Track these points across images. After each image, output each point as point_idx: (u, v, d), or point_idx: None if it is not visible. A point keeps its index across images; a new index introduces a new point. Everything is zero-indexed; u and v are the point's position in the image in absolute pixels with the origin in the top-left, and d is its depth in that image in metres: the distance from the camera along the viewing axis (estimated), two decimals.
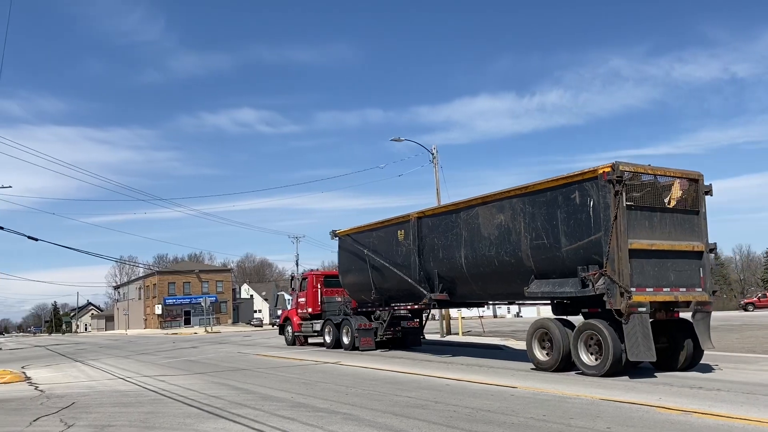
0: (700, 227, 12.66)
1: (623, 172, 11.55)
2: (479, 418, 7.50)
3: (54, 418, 8.53)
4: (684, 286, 12.23)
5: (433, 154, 29.19)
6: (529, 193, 13.33)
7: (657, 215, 12.11)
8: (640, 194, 11.92)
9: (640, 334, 11.05)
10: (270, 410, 8.52)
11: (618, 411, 7.70)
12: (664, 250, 12.01)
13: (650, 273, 11.85)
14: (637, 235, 11.66)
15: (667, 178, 12.35)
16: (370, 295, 19.63)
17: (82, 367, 18.19)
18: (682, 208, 12.41)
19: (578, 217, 12.13)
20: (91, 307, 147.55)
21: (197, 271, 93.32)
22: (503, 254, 13.93)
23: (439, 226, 16.24)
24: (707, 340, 12.01)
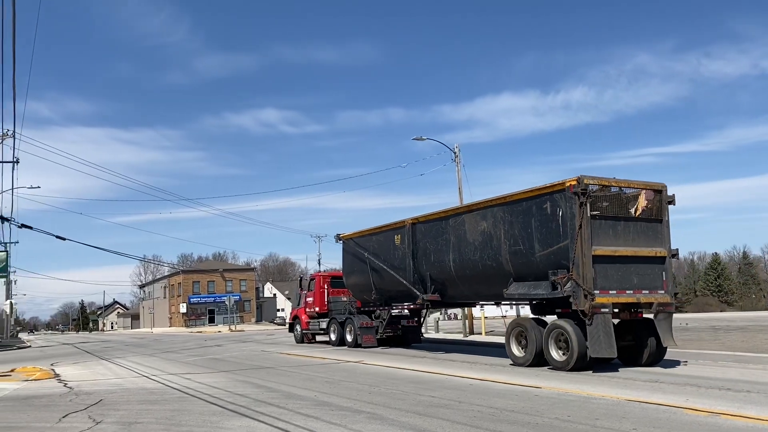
0: (663, 234, 13.68)
1: (587, 185, 12.63)
2: (503, 418, 7.45)
3: (82, 415, 8.67)
4: (647, 289, 13.23)
5: (455, 153, 29.09)
6: (508, 203, 14.46)
7: (621, 224, 13.13)
8: (606, 205, 12.95)
9: (602, 333, 12.06)
10: (294, 409, 8.56)
11: (644, 412, 7.60)
12: (627, 256, 13.03)
13: (614, 277, 12.86)
14: (601, 242, 12.71)
15: (633, 190, 13.37)
16: (371, 296, 20.67)
17: (108, 365, 18.45)
18: (646, 217, 13.42)
19: (549, 226, 13.21)
20: (117, 306, 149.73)
21: (221, 270, 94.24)
22: (486, 258, 15.06)
23: (430, 231, 17.36)
24: (669, 338, 12.96)
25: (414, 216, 18.25)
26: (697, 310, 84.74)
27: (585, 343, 12.28)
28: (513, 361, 14.03)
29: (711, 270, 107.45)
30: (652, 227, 13.65)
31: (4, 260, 41.95)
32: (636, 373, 11.71)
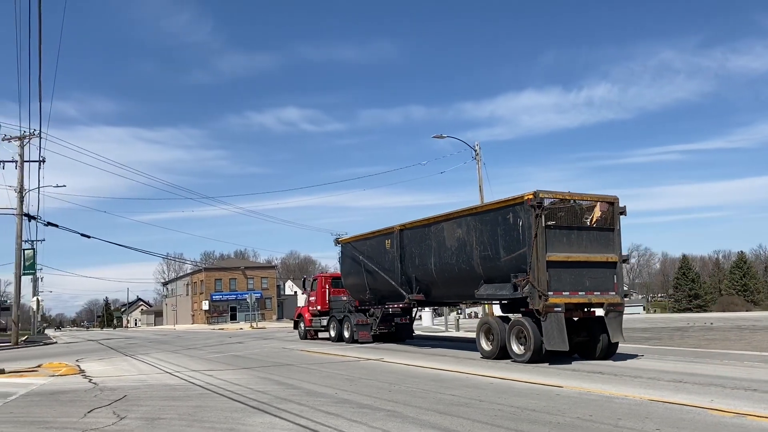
0: (614, 242, 15.25)
1: (542, 199, 14.14)
2: (524, 417, 7.41)
3: (107, 410, 8.79)
4: (598, 291, 14.76)
5: (475, 150, 28.98)
6: (479, 213, 16.17)
7: (575, 233, 14.69)
8: (562, 215, 14.57)
9: (555, 329, 13.70)
10: (314, 406, 8.60)
11: (668, 412, 7.52)
12: (580, 261, 14.58)
13: (567, 280, 14.38)
14: (555, 249, 14.23)
15: (588, 202, 14.97)
16: (366, 295, 22.31)
17: (132, 361, 18.69)
18: (600, 226, 14.98)
19: (512, 234, 14.82)
20: (140, 303, 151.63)
21: (243, 267, 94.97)
22: (461, 262, 16.70)
23: (415, 237, 18.97)
24: (618, 334, 14.64)
25: (402, 223, 19.83)
26: (722, 309, 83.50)
27: (541, 338, 13.93)
28: (482, 354, 15.68)
29: (736, 269, 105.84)
30: (605, 235, 15.15)
31: (31, 258, 42.67)
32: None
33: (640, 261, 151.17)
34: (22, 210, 35.22)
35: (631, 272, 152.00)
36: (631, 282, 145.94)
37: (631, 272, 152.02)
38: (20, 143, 35.45)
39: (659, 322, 38.73)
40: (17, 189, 35.23)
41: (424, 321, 40.16)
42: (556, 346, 13.65)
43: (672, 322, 37.87)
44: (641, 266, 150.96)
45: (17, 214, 35.14)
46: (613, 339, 14.61)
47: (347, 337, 23.38)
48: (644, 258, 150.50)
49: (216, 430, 7.10)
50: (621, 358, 14.72)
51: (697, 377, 10.75)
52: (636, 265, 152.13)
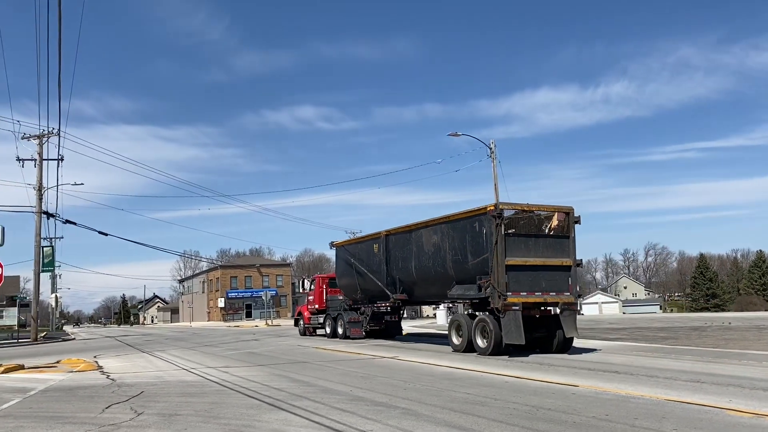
0: (569, 248, 16.80)
1: (502, 210, 15.88)
2: (540, 416, 7.39)
3: (124, 406, 8.89)
4: (554, 291, 16.32)
5: (491, 148, 28.88)
6: (451, 221, 17.72)
7: (532, 240, 16.36)
8: (522, 224, 16.35)
9: (513, 325, 15.35)
10: (329, 403, 8.63)
11: (685, 412, 7.45)
12: (537, 265, 16.19)
13: (525, 282, 15.96)
14: (514, 255, 15.90)
15: (546, 212, 16.63)
16: (357, 295, 24.12)
17: (149, 358, 18.86)
18: (556, 234, 16.63)
19: (477, 241, 16.48)
20: (157, 300, 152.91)
21: (258, 265, 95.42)
22: (436, 265, 18.40)
23: (399, 242, 20.66)
24: (573, 330, 16.25)
25: (387, 228, 21.64)
26: (740, 309, 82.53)
27: (500, 333, 15.51)
28: (453, 348, 17.39)
29: (755, 268, 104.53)
30: (561, 242, 16.76)
31: (49, 255, 43.18)
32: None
33: (656, 260, 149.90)
34: (41, 208, 35.65)
35: (647, 271, 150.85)
36: (647, 281, 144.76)
37: (648, 271, 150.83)
38: (39, 142, 35.88)
39: (676, 321, 38.38)
40: (36, 187, 35.66)
41: (439, 320, 40.07)
42: (513, 340, 15.37)
43: (689, 321, 37.51)
44: (658, 265, 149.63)
45: (36, 212, 35.57)
46: (567, 335, 16.23)
47: (341, 333, 24.77)
48: (661, 257, 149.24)
49: (232, 427, 7.15)
50: (576, 352, 16.42)
51: (715, 377, 10.65)
52: (653, 263, 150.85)
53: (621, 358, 14.58)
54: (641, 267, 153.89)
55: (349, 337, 23.96)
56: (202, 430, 7.06)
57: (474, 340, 16.54)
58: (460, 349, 17.02)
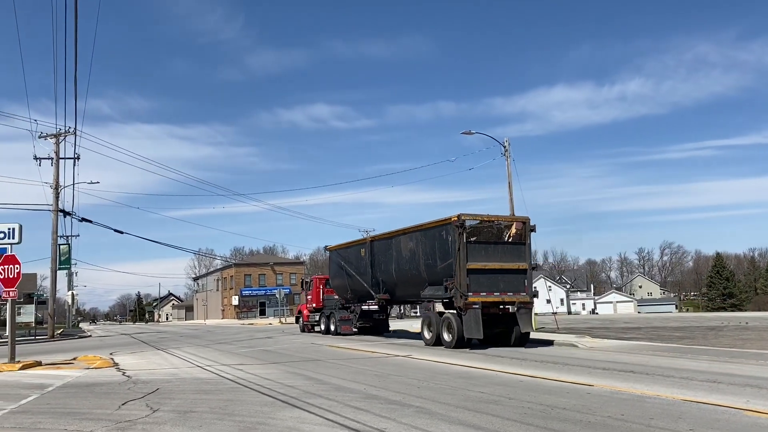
0: (525, 253, 18.94)
1: (464, 220, 17.94)
2: (554, 415, 7.35)
3: (140, 403, 8.96)
4: (511, 291, 18.34)
5: (505, 147, 28.73)
6: (424, 230, 19.89)
7: (492, 246, 18.46)
8: (485, 232, 18.44)
9: (473, 321, 17.43)
10: (343, 401, 8.65)
11: (701, 412, 7.38)
12: (495, 269, 18.27)
13: (484, 283, 18.02)
14: (475, 260, 17.97)
15: (506, 222, 18.91)
16: (348, 295, 26.22)
17: (164, 355, 18.99)
18: (514, 241, 18.71)
19: (444, 247, 18.53)
20: (171, 298, 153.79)
21: (272, 263, 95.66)
22: (412, 269, 20.63)
23: (382, 247, 22.80)
24: (528, 326, 18.45)
25: (372, 235, 24.68)
26: (757, 308, 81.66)
27: (462, 328, 17.56)
28: (425, 343, 19.65)
29: None
30: (518, 248, 18.83)
31: (66, 253, 43.61)
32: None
33: (672, 259, 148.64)
34: (57, 206, 36.00)
35: (663, 270, 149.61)
36: (662, 280, 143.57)
37: (663, 270, 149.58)
38: (56, 141, 36.21)
39: (692, 321, 38.05)
40: (53, 185, 36.01)
41: None
42: (473, 334, 17.54)
43: (705, 321, 37.17)
44: (673, 264, 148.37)
45: (53, 210, 35.93)
46: (523, 330, 18.36)
47: (333, 330, 27.10)
48: (677, 256, 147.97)
49: (247, 424, 7.18)
50: (533, 345, 18.56)
51: (732, 377, 10.54)
52: (668, 262, 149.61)
53: (636, 357, 14.48)
54: (656, 266, 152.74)
55: (340, 334, 26.19)
56: (217, 426, 7.10)
57: (441, 335, 18.76)
58: (430, 343, 19.16)
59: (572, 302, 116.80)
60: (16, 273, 15.82)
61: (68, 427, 7.35)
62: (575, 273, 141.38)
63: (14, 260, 16.01)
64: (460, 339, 17.78)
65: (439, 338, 18.79)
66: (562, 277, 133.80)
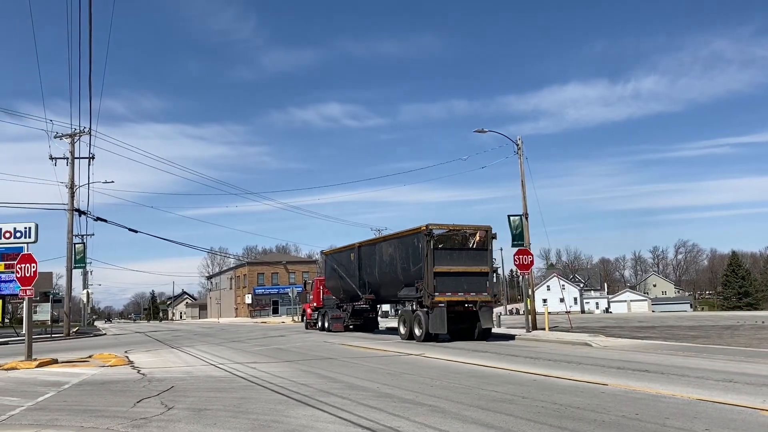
0: (487, 258, 21.55)
1: (432, 230, 20.63)
2: (568, 414, 7.32)
3: (155, 401, 9.03)
4: (474, 292, 20.93)
5: (517, 145, 28.61)
6: (400, 237, 22.91)
7: (456, 252, 21.11)
8: (453, 239, 21.13)
9: (438, 318, 19.96)
10: (356, 399, 8.66)
11: (718, 412, 7.32)
12: (460, 272, 20.94)
13: (450, 284, 20.58)
14: (441, 264, 20.62)
15: (471, 231, 21.38)
16: (340, 295, 29.05)
17: (178, 353, 19.11)
18: (478, 247, 21.35)
19: (416, 253, 21.23)
20: (185, 296, 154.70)
21: (284, 262, 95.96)
22: (391, 272, 23.37)
23: (368, 252, 25.58)
24: (489, 322, 21.12)
25: (360, 241, 26.99)
26: None
27: (429, 324, 20.06)
28: (400, 337, 22.16)
29: None
30: (481, 254, 21.44)
31: (81, 252, 43.95)
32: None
33: (687, 257, 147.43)
34: (72, 205, 36.32)
35: (677, 269, 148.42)
36: (677, 279, 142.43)
37: (678, 269, 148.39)
38: (71, 140, 36.54)
39: (707, 320, 37.72)
40: (68, 185, 36.33)
41: None
42: (438, 330, 20.06)
43: (721, 320, 36.84)
44: (688, 263, 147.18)
45: (68, 210, 36.25)
46: (484, 326, 20.95)
47: (326, 327, 30.05)
48: (691, 254, 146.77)
49: (261, 422, 7.22)
50: (495, 339, 21.34)
51: (748, 377, 10.44)
52: (683, 261, 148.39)
53: (651, 356, 14.38)
54: (671, 265, 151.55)
55: (332, 331, 29.07)
56: (232, 424, 7.14)
57: (413, 330, 21.30)
58: (404, 338, 21.79)
59: (586, 301, 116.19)
60: (33, 272, 15.98)
61: (84, 424, 7.43)
62: (589, 272, 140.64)
63: (31, 259, 16.17)
64: (428, 334, 20.27)
65: (411, 333, 21.33)
66: (576, 275, 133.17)
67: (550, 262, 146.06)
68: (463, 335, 21.16)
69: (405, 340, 21.41)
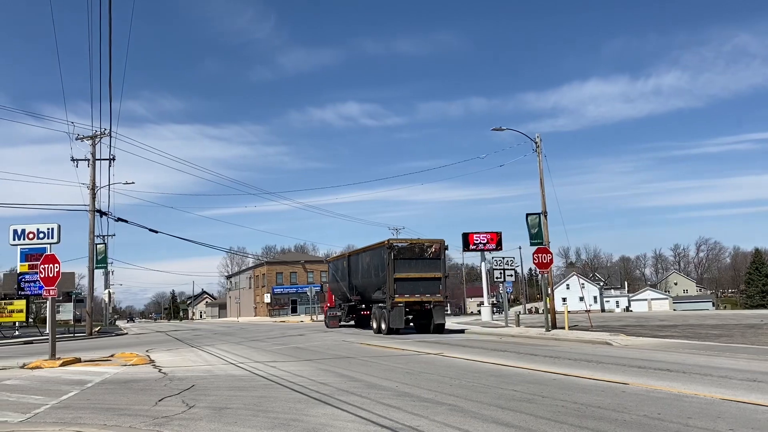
0: (440, 266, 26.48)
1: (393, 244, 26.21)
2: (589, 414, 7.27)
3: (176, 399, 9.11)
4: (429, 294, 25.83)
5: (536, 142, 28.44)
6: (373, 249, 28.24)
7: (414, 261, 25.99)
8: (409, 251, 26.08)
9: (397, 316, 24.96)
10: (375, 398, 8.67)
11: (741, 412, 7.23)
12: (417, 278, 25.74)
13: (408, 288, 25.48)
14: (401, 271, 25.53)
15: (428, 244, 26.61)
16: (338, 296, 34.22)
17: (198, 352, 19.26)
18: (433, 257, 26.30)
19: (383, 263, 26.23)
20: (205, 296, 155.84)
21: (303, 261, 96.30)
22: (369, 277, 28.41)
23: (354, 261, 31.16)
24: (441, 318, 25.95)
25: (350, 251, 34.00)
26: None
27: (390, 320, 25.03)
28: (373, 331, 26.95)
29: None
30: (435, 262, 26.44)
31: (102, 252, 44.50)
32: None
33: (709, 255, 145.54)
34: (94, 206, 36.76)
35: (699, 267, 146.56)
36: (699, 277, 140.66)
37: (699, 267, 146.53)
38: (92, 142, 36.98)
39: (730, 318, 37.20)
40: (90, 186, 36.78)
41: (484, 316, 39.80)
42: (396, 325, 25.12)
43: (744, 318, 36.30)
44: (710, 260, 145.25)
45: (90, 211, 36.70)
46: (436, 321, 25.88)
47: (328, 324, 35.22)
48: (713, 252, 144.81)
49: (280, 420, 7.26)
50: (447, 333, 26.07)
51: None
52: (704, 259, 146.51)
53: (673, 355, 14.23)
54: (692, 263, 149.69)
55: (329, 327, 34.29)
56: (252, 423, 7.19)
57: (380, 326, 26.26)
58: (375, 332, 26.67)
59: (606, 300, 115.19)
60: (56, 272, 16.19)
61: (107, 422, 7.52)
62: (609, 270, 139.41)
63: (54, 259, 16.39)
64: (390, 328, 25.27)
65: (380, 328, 26.22)
66: (596, 274, 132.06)
67: (570, 260, 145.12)
68: (422, 329, 26.49)
69: (376, 334, 26.19)
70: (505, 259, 31.91)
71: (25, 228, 35.24)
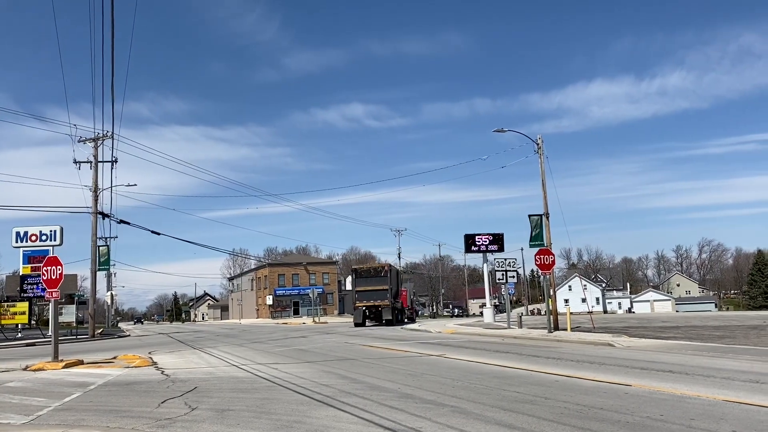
0: (389, 281, 42.20)
1: (355, 268, 45.71)
2: (591, 415, 7.27)
3: (179, 401, 9.13)
4: (379, 300, 41.92)
5: (537, 144, 28.45)
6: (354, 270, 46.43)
7: (371, 278, 42.65)
8: (370, 270, 43.74)
9: (358, 315, 41.96)
10: (378, 400, 8.68)
11: (745, 414, 7.22)
12: (371, 289, 42.27)
13: (365, 296, 42.32)
14: (360, 285, 43.14)
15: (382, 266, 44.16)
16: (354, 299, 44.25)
17: (201, 354, 19.29)
18: (383, 275, 42.49)
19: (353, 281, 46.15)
20: (207, 298, 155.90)
21: (305, 263, 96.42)
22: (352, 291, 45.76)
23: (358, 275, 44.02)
24: (388, 315, 41.69)
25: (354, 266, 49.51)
26: None
27: (355, 318, 42.25)
28: (354, 325, 41.58)
29: None
30: (384, 278, 42.08)
31: (105, 254, 44.57)
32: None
33: (711, 256, 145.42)
34: (96, 208, 36.82)
35: (701, 268, 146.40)
36: (701, 278, 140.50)
37: (702, 268, 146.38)
38: (94, 144, 37.05)
39: (733, 320, 37.16)
40: (92, 188, 36.84)
41: (486, 318, 39.84)
42: (358, 321, 41.15)
43: (746, 320, 36.26)
44: (712, 262, 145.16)
45: (92, 213, 36.76)
46: (384, 318, 41.47)
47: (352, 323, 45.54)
48: (716, 253, 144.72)
49: (283, 422, 7.27)
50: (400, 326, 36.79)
51: None
52: (707, 260, 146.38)
53: (675, 357, 14.21)
54: (695, 264, 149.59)
55: None
56: (255, 425, 7.20)
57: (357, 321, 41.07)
58: (355, 325, 40.65)
59: (608, 301, 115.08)
60: (59, 274, 16.23)
61: (110, 425, 7.53)
62: (611, 271, 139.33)
63: (56, 261, 16.43)
64: (357, 323, 40.74)
65: (359, 323, 40.72)
66: (598, 275, 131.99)
67: (572, 261, 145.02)
68: (375, 323, 42.46)
69: (354, 327, 39.25)
70: (507, 261, 31.93)
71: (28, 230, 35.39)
